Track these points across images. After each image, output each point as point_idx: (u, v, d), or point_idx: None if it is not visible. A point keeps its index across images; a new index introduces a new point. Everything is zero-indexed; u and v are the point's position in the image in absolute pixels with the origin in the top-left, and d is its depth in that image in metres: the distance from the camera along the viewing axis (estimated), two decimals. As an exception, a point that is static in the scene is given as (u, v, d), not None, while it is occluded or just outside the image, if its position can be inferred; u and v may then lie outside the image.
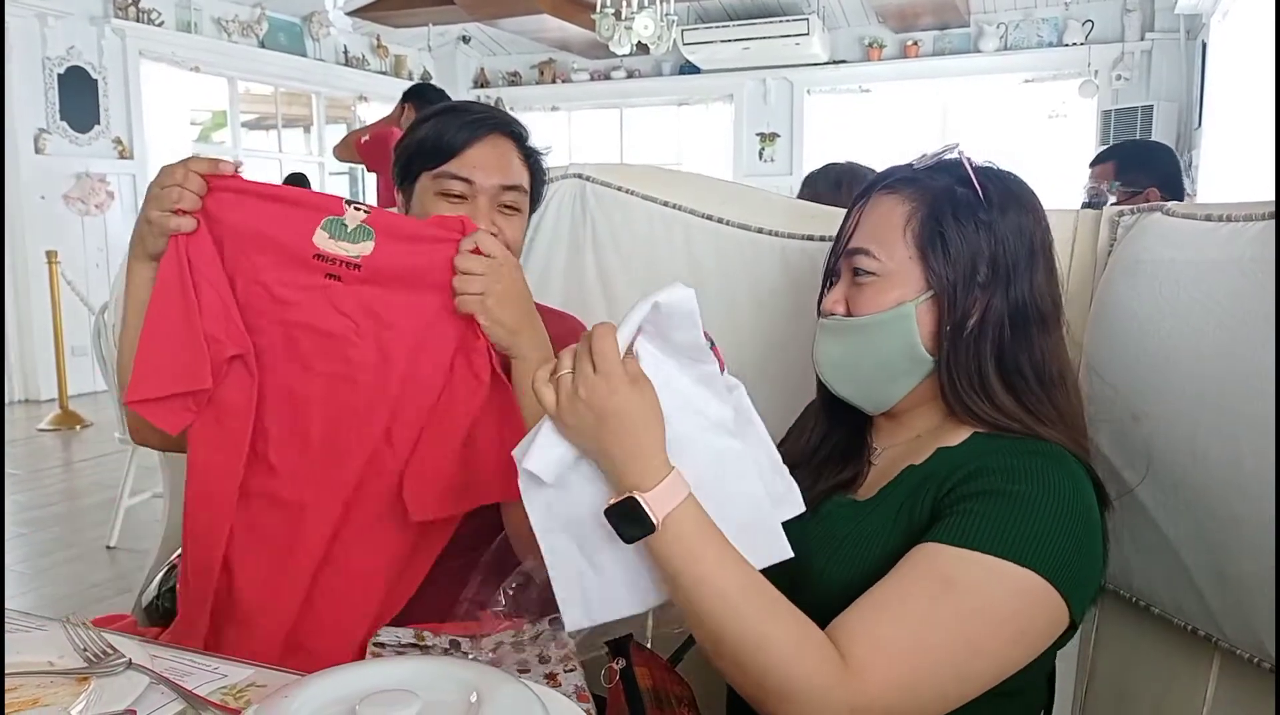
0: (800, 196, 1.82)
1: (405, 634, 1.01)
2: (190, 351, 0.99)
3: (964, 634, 0.75)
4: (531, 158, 1.18)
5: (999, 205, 0.87)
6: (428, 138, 1.14)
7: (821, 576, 0.86)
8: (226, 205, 1.01)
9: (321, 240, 1.00)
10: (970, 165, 0.89)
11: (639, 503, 0.73)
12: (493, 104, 1.46)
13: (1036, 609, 0.76)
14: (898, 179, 0.90)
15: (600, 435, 0.73)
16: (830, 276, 0.95)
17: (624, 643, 0.98)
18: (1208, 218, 0.93)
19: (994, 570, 0.75)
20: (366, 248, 0.99)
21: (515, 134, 1.16)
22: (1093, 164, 2.64)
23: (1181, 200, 2.17)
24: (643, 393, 0.74)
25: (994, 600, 0.75)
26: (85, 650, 0.78)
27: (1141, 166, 2.50)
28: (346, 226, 1.00)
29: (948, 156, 0.90)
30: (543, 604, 0.98)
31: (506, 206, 1.14)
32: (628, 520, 0.73)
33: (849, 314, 0.90)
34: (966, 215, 0.86)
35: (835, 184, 1.90)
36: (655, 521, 0.73)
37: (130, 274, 1.06)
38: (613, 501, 0.74)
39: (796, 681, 0.72)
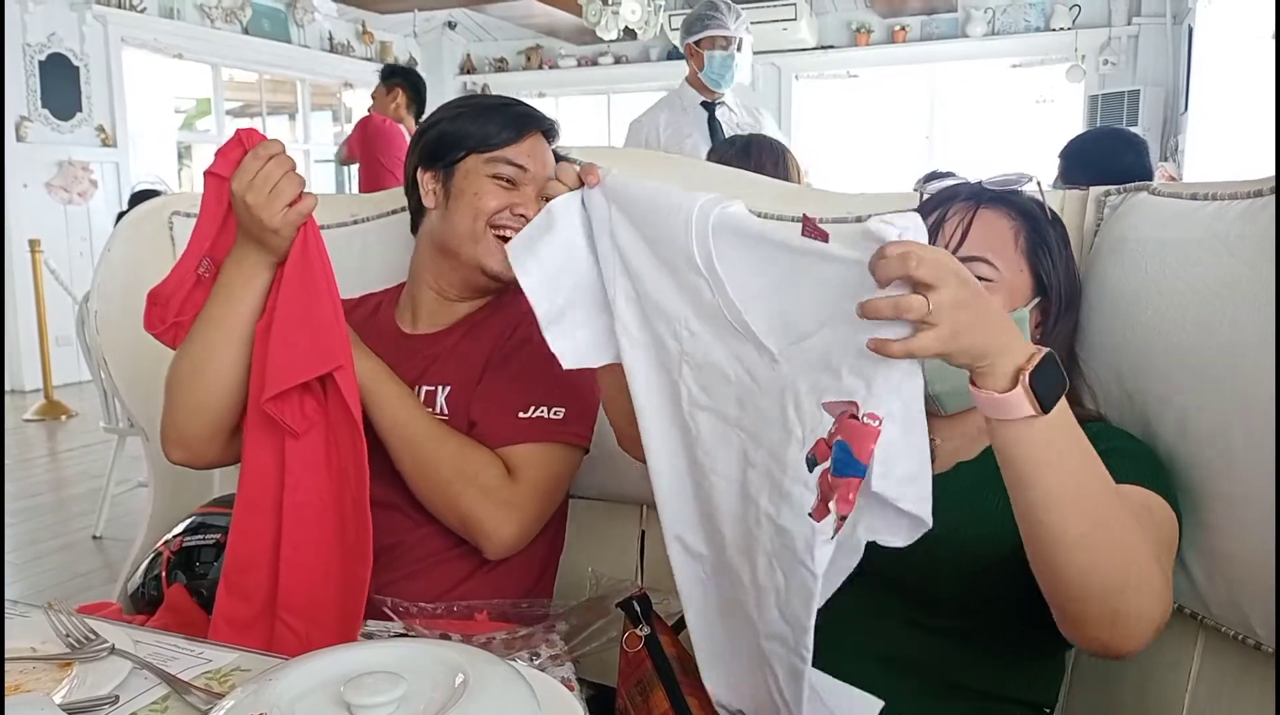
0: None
1: (395, 627, 1.01)
2: (332, 330, 0.99)
3: (1168, 551, 0.81)
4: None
5: (1062, 227, 0.98)
6: (478, 123, 1.16)
7: (958, 535, 0.85)
8: None
9: None
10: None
11: (1056, 358, 0.66)
12: (479, 90, 1.42)
13: (1175, 530, 0.83)
14: (992, 197, 0.95)
15: (983, 322, 0.65)
16: None
17: (645, 608, 0.99)
18: (1193, 197, 0.93)
19: (1160, 504, 0.82)
20: None
21: (550, 137, 1.22)
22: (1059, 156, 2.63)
23: None
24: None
25: (1170, 529, 0.82)
26: (68, 636, 0.78)
27: (1081, 166, 2.47)
28: None
29: (1019, 183, 0.96)
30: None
31: (540, 196, 1.16)
32: (1051, 377, 0.66)
33: None
34: (1053, 233, 0.96)
35: (744, 151, 1.96)
36: (1067, 378, 0.67)
37: (234, 289, 1.03)
38: (1034, 365, 0.65)
39: (1152, 567, 0.71)
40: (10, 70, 5.64)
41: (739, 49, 2.80)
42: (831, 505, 0.68)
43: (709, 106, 2.89)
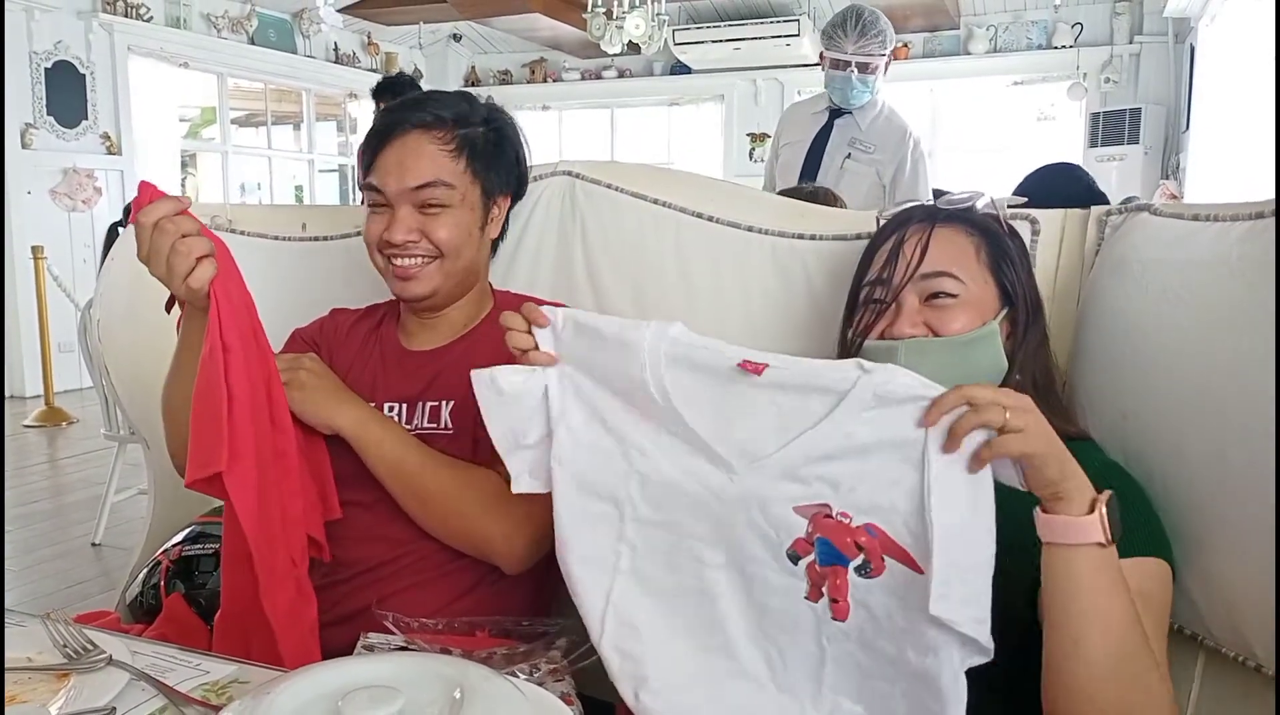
0: None
1: (397, 640, 1.00)
2: (213, 430, 0.91)
3: (1162, 632, 0.82)
4: (466, 143, 1.13)
5: (1020, 240, 1.00)
6: (362, 148, 1.15)
7: None
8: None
9: None
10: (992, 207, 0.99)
11: (1115, 497, 0.72)
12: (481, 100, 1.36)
13: (1171, 590, 0.84)
14: (946, 215, 0.97)
15: (1047, 429, 0.71)
16: (873, 304, 0.97)
17: None
18: (1195, 217, 0.93)
19: (1154, 573, 0.82)
20: None
21: (434, 125, 1.11)
22: None
23: None
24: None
25: (1163, 596, 0.83)
26: (65, 646, 0.78)
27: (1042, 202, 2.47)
28: None
29: (973, 200, 0.98)
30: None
31: (429, 205, 1.11)
32: (1116, 511, 0.72)
33: (932, 335, 0.93)
34: (1012, 245, 0.97)
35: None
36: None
37: (185, 324, 0.99)
38: (1106, 496, 0.72)
39: (1160, 689, 0.75)
40: (16, 77, 5.66)
41: (861, 71, 2.71)
42: (824, 589, 0.78)
43: (835, 113, 2.85)
